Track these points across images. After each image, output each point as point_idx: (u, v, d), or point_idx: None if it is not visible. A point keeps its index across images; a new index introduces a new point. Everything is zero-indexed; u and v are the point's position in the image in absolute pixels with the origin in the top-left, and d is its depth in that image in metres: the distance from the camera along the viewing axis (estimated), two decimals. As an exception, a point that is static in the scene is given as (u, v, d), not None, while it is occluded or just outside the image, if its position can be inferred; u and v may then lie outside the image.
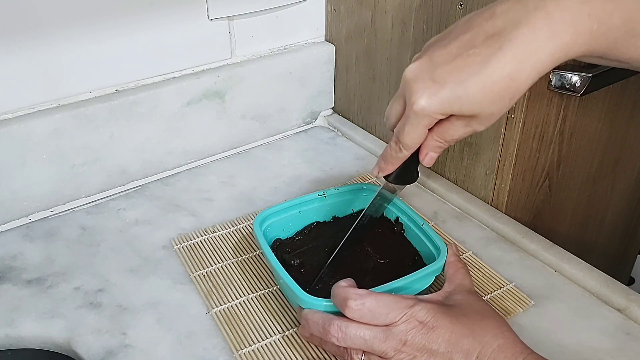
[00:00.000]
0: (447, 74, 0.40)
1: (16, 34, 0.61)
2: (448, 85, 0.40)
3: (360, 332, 0.44)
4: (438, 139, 0.45)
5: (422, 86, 0.41)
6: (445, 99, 0.41)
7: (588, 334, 0.52)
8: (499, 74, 0.39)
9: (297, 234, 0.60)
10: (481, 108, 0.41)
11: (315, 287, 0.53)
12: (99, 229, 0.66)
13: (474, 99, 0.40)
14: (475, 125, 0.43)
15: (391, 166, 0.49)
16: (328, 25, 0.84)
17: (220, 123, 0.77)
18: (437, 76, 0.41)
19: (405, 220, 0.59)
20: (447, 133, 0.44)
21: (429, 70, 0.41)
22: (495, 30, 0.39)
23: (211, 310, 0.55)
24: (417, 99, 0.41)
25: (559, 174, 0.69)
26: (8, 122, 0.63)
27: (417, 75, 0.42)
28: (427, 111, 0.42)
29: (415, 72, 0.42)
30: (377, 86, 0.78)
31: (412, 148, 0.46)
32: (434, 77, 0.41)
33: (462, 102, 0.41)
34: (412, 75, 0.42)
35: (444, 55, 0.41)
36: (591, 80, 0.58)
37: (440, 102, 0.41)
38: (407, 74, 0.42)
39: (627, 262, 0.96)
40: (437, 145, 0.46)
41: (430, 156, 0.47)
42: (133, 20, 0.67)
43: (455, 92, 0.40)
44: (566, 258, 0.59)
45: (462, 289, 0.49)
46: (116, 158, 0.70)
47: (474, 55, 0.40)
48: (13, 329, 0.53)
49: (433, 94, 0.41)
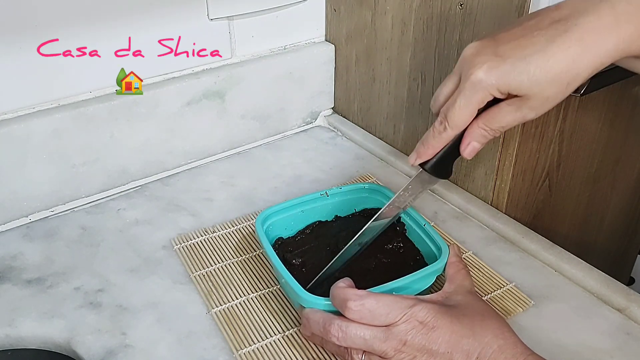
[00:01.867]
0: (510, 49, 0.41)
1: (16, 34, 0.60)
2: (510, 60, 0.40)
3: (360, 332, 0.44)
4: (484, 127, 0.44)
5: (483, 59, 0.41)
6: (506, 72, 0.41)
7: (588, 334, 0.52)
8: (562, 55, 0.39)
9: (299, 233, 0.60)
10: (539, 88, 0.41)
11: (317, 284, 0.52)
12: (99, 229, 0.66)
13: (533, 76, 0.40)
14: (526, 111, 0.42)
15: (431, 150, 0.47)
16: (328, 25, 0.84)
17: (220, 123, 0.77)
18: (500, 51, 0.41)
19: (407, 220, 0.59)
20: (495, 119, 0.43)
21: (491, 46, 0.41)
22: (562, 16, 0.40)
23: (211, 310, 0.55)
24: (476, 70, 0.41)
25: (559, 174, 0.69)
26: (8, 122, 0.63)
27: (478, 50, 0.42)
28: (485, 83, 0.41)
29: (477, 48, 0.42)
30: (377, 86, 0.78)
31: (459, 127, 0.44)
32: (496, 51, 0.41)
33: (522, 79, 0.40)
34: (474, 51, 0.42)
35: (508, 36, 0.41)
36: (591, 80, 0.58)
37: (499, 75, 0.41)
38: (467, 50, 0.42)
39: (627, 262, 0.96)
40: (481, 134, 0.45)
41: (472, 146, 0.45)
42: (133, 20, 0.67)
43: (517, 67, 0.40)
44: (566, 258, 0.59)
45: (462, 290, 0.49)
46: (116, 158, 0.70)
47: (539, 36, 0.40)
48: (13, 329, 0.53)
49: (494, 66, 0.41)
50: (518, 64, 0.40)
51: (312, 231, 0.60)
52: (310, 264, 0.55)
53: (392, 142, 0.79)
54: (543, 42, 0.40)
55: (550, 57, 0.40)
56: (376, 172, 0.75)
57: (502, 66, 0.41)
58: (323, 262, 0.55)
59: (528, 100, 0.41)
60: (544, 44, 0.40)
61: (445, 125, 0.45)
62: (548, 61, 0.40)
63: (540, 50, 0.40)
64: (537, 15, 0.42)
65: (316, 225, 0.61)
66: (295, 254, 0.56)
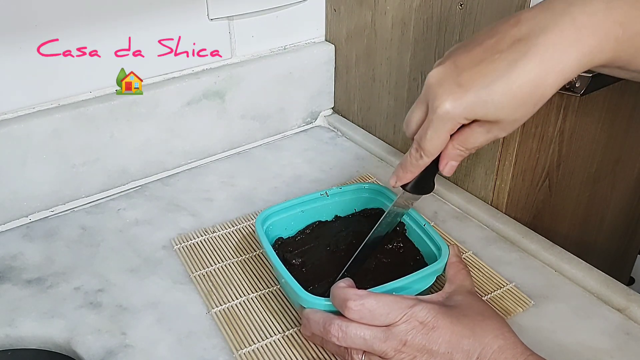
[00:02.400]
0: (472, 78, 0.40)
1: (16, 34, 0.60)
2: (473, 89, 0.40)
3: (360, 332, 0.44)
4: (459, 147, 0.44)
5: (446, 90, 0.41)
6: (470, 103, 0.40)
7: (588, 334, 0.52)
8: (525, 79, 0.39)
9: (299, 233, 0.60)
10: (505, 113, 0.40)
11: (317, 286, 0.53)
12: (99, 229, 0.66)
13: (499, 103, 0.40)
14: (496, 132, 0.42)
15: (410, 174, 0.48)
16: (328, 25, 0.84)
17: (220, 123, 0.77)
18: (462, 80, 0.40)
19: (407, 220, 0.59)
20: (469, 141, 0.43)
21: (453, 74, 0.41)
22: (522, 35, 0.39)
23: (211, 310, 0.55)
24: (441, 103, 0.41)
25: (559, 174, 0.69)
26: (8, 122, 0.63)
27: (441, 79, 0.41)
28: (452, 115, 0.41)
29: (439, 76, 0.42)
30: (377, 86, 0.78)
31: (433, 155, 0.45)
32: (458, 81, 0.40)
33: (487, 107, 0.40)
34: (436, 80, 0.42)
35: (469, 60, 0.41)
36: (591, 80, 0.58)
37: (465, 106, 0.40)
38: (430, 79, 0.42)
39: (627, 262, 0.96)
40: (457, 154, 0.45)
41: (450, 165, 0.46)
42: (133, 20, 0.67)
43: (480, 97, 0.40)
44: (566, 258, 0.59)
45: (462, 290, 0.49)
46: (116, 158, 0.70)
47: (500, 60, 0.39)
48: (13, 329, 0.53)
49: (458, 98, 0.40)
50: (481, 93, 0.40)
51: (312, 231, 0.60)
52: (310, 264, 0.55)
53: (392, 142, 0.79)
54: (505, 67, 0.39)
55: (513, 82, 0.39)
56: (376, 172, 0.75)
57: (466, 97, 0.40)
58: (323, 262, 0.55)
59: (497, 124, 0.41)
60: (505, 69, 0.39)
61: (420, 153, 0.45)
62: (511, 88, 0.39)
63: (502, 76, 0.39)
64: (496, 33, 0.41)
65: (316, 225, 0.61)
66: (295, 254, 0.56)
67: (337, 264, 0.55)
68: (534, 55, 0.39)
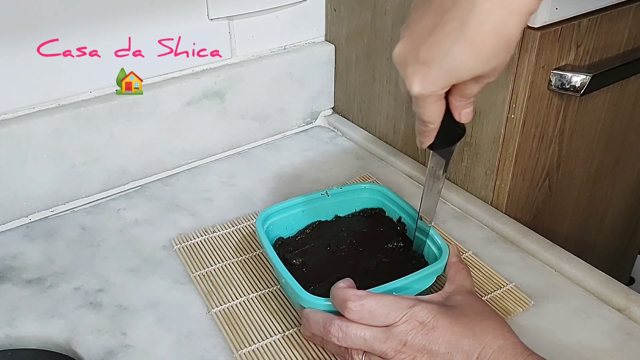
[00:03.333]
0: (430, 50, 0.38)
1: (16, 34, 0.60)
2: (435, 63, 0.38)
3: (360, 332, 0.44)
4: (460, 99, 0.42)
5: (411, 71, 0.39)
6: (438, 77, 0.39)
7: (588, 334, 0.52)
8: (482, 32, 0.36)
9: (299, 233, 0.60)
10: (480, 69, 0.38)
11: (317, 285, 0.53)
12: (99, 229, 0.66)
13: (467, 64, 0.38)
14: (485, 81, 0.40)
15: (428, 138, 0.46)
16: (328, 25, 0.84)
17: (220, 123, 0.77)
18: (422, 56, 0.38)
19: (408, 220, 0.59)
20: (465, 92, 0.42)
21: (413, 51, 0.39)
22: None
23: (211, 310, 0.55)
24: (411, 85, 0.40)
25: (559, 174, 0.69)
26: (8, 122, 0.63)
27: (403, 59, 0.40)
28: (425, 94, 0.40)
29: (402, 55, 0.40)
30: (377, 86, 0.78)
31: (436, 121, 0.43)
32: (418, 58, 0.39)
33: (457, 72, 0.38)
34: (400, 60, 0.40)
35: (421, 29, 0.39)
36: (591, 80, 0.58)
37: (434, 82, 0.39)
38: (394, 59, 0.41)
39: (627, 262, 0.96)
40: (464, 104, 0.43)
41: (464, 113, 0.43)
42: (133, 20, 0.67)
43: (445, 67, 0.38)
44: (566, 258, 0.59)
45: (462, 290, 0.49)
46: (116, 158, 0.70)
47: (451, 21, 0.36)
48: (13, 329, 0.53)
49: (424, 77, 0.39)
50: (445, 62, 0.38)
51: (312, 231, 0.60)
52: (311, 264, 0.55)
53: (392, 142, 0.79)
54: (457, 29, 0.36)
55: (472, 40, 0.36)
56: (376, 172, 0.75)
57: (431, 73, 0.38)
58: (323, 262, 0.55)
59: (480, 77, 0.39)
60: (459, 31, 0.36)
61: (425, 124, 0.44)
62: (472, 46, 0.36)
63: (458, 38, 0.36)
64: None
65: (316, 225, 0.61)
66: (295, 254, 0.56)
67: (337, 264, 0.55)
68: (482, 6, 0.35)
